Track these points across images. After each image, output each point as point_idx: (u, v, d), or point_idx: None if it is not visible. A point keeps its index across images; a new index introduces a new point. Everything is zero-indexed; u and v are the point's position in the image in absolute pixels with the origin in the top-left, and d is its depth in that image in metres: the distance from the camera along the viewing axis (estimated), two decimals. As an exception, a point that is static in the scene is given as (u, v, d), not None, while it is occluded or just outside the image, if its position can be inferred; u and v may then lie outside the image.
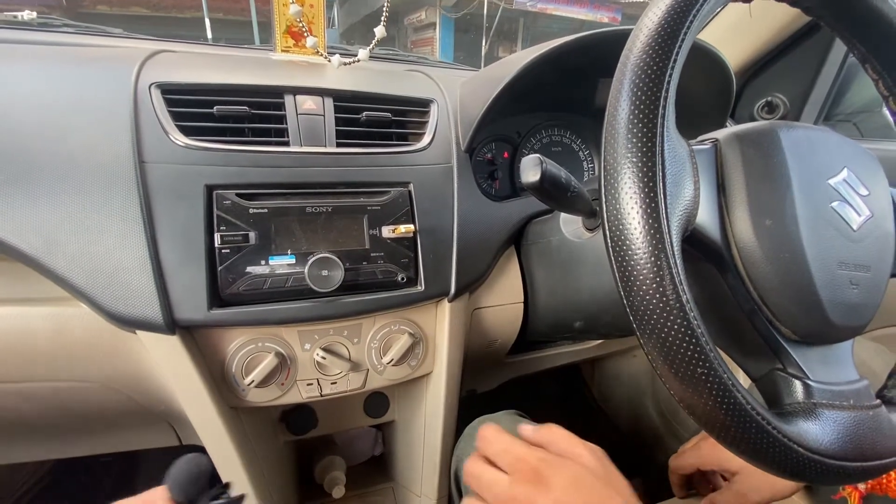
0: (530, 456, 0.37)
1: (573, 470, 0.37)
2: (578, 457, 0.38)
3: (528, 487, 0.36)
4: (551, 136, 0.76)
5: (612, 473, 0.38)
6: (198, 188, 0.46)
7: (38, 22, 0.80)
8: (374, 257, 0.50)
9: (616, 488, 0.37)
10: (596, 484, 0.36)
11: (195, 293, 0.44)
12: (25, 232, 0.42)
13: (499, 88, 0.55)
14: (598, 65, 0.66)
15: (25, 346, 0.44)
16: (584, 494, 0.35)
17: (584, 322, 0.56)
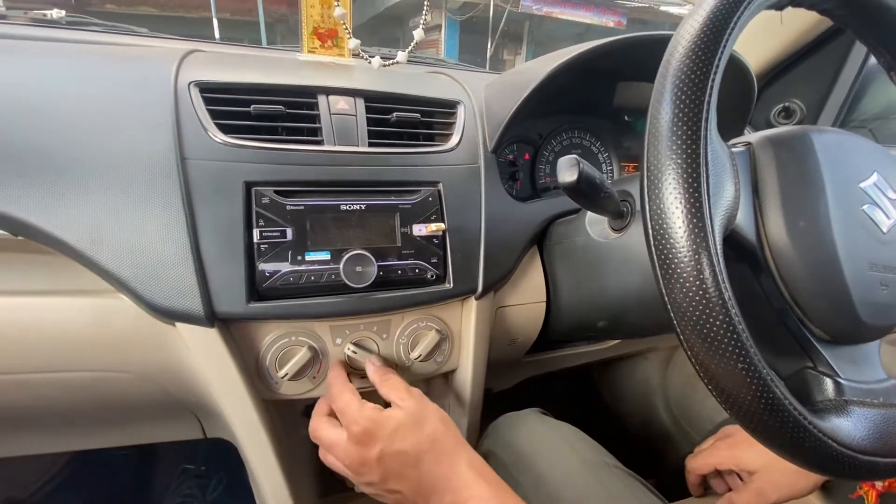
0: (360, 416, 0.44)
1: (395, 419, 0.43)
2: (400, 400, 0.45)
3: (359, 447, 0.43)
4: (571, 139, 0.77)
5: (425, 414, 0.45)
6: (237, 185, 0.47)
7: (67, 20, 0.81)
8: (405, 255, 0.52)
9: (428, 429, 0.44)
10: (412, 428, 0.43)
11: (234, 287, 0.45)
12: (72, 226, 0.43)
13: (528, 91, 0.56)
14: (617, 69, 0.67)
15: (69, 337, 0.45)
16: (402, 441, 0.43)
17: (607, 321, 0.57)
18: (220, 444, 0.95)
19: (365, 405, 0.44)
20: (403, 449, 0.42)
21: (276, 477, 0.49)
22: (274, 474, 0.49)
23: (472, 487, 0.41)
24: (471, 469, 0.42)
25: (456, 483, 0.42)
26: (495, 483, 0.42)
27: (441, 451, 0.43)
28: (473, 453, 0.44)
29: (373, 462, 0.43)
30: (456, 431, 0.46)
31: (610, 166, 0.80)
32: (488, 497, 0.40)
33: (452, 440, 0.44)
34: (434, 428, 0.44)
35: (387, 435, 0.43)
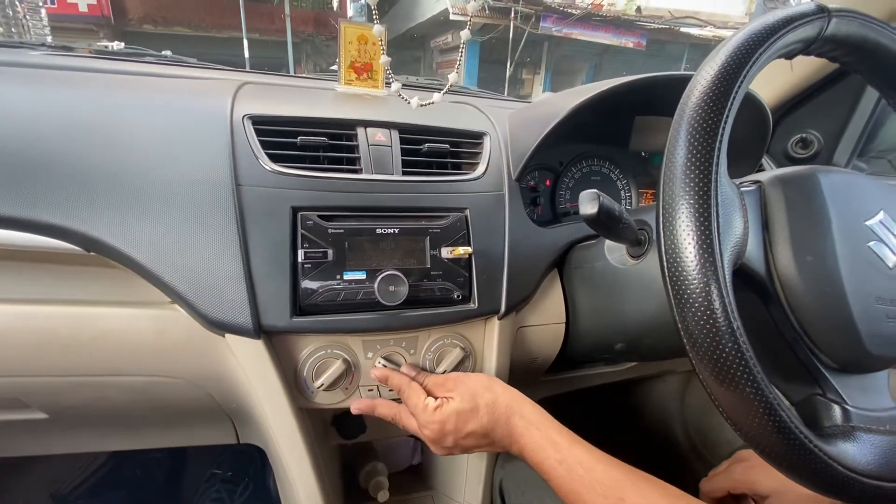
0: (429, 420, 0.50)
1: (454, 410, 0.50)
2: (448, 392, 0.52)
3: (435, 443, 0.51)
4: (591, 166, 0.81)
5: (473, 393, 0.51)
6: (285, 209, 0.51)
7: (125, 52, 0.89)
8: (434, 275, 0.55)
9: (481, 404, 0.50)
10: (470, 412, 0.50)
11: (280, 302, 0.50)
12: (138, 244, 0.48)
13: (551, 126, 0.60)
14: (635, 103, 0.71)
15: (131, 344, 0.50)
16: (466, 425, 0.50)
17: (625, 344, 0.60)
18: (246, 451, 0.99)
19: (427, 407, 0.50)
20: (472, 430, 0.49)
21: (311, 481, 0.52)
22: (308, 479, 0.52)
23: (525, 436, 0.48)
24: (522, 420, 0.49)
25: (515, 436, 0.49)
26: (544, 426, 0.48)
27: (497, 418, 0.50)
28: (523, 407, 0.50)
29: (451, 447, 0.51)
30: (502, 390, 0.52)
31: (629, 193, 0.83)
32: (539, 439, 0.48)
33: (503, 404, 0.50)
34: (486, 401, 0.50)
35: (453, 428, 0.49)
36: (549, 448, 0.47)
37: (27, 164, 0.47)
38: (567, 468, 0.45)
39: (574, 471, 0.45)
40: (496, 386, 0.52)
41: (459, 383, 0.52)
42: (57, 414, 0.56)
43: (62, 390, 0.51)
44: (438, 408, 0.50)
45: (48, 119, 0.51)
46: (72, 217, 0.47)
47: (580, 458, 0.46)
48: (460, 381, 0.52)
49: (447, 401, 0.50)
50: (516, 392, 0.52)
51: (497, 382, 0.53)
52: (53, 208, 0.47)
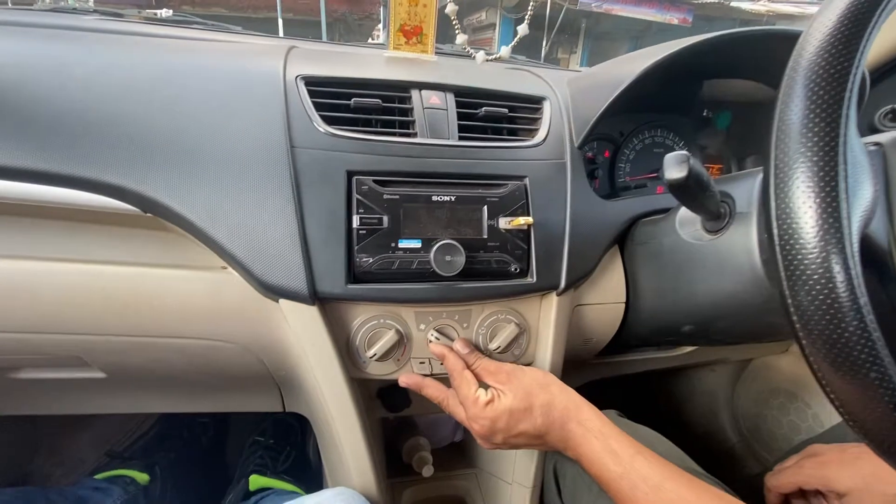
0: (479, 415, 0.47)
1: (507, 408, 0.47)
2: (500, 384, 0.49)
3: (483, 437, 0.49)
4: (653, 137, 0.75)
5: (529, 391, 0.48)
6: (340, 173, 0.49)
7: (174, 19, 0.89)
8: (491, 247, 0.52)
9: (536, 404, 0.48)
10: (524, 411, 0.47)
11: (335, 268, 0.48)
12: (195, 206, 0.47)
13: (622, 88, 0.55)
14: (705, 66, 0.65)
15: (187, 306, 0.49)
16: (519, 424, 0.47)
17: (693, 327, 0.55)
18: (286, 420, 1.01)
19: (478, 400, 0.48)
20: (523, 430, 0.47)
21: (362, 453, 0.52)
22: (359, 450, 0.51)
23: (583, 445, 0.45)
24: (580, 427, 0.46)
25: (572, 444, 0.46)
26: (603, 435, 0.45)
27: (552, 421, 0.47)
28: (581, 411, 0.47)
29: (499, 443, 0.49)
30: (559, 391, 0.49)
31: (692, 167, 0.77)
32: (598, 449, 0.44)
33: (560, 407, 0.47)
34: (541, 401, 0.47)
35: (504, 426, 0.47)
36: (608, 460, 0.43)
37: (86, 123, 0.47)
38: (630, 484, 0.42)
39: (638, 488, 0.41)
40: (553, 385, 0.49)
41: (513, 378, 0.49)
42: (114, 374, 0.57)
43: (120, 350, 0.52)
44: (490, 403, 0.47)
45: (106, 80, 0.50)
46: (130, 177, 0.47)
47: (644, 474, 0.42)
48: (514, 375, 0.49)
49: (499, 396, 0.48)
50: (574, 394, 0.49)
51: (554, 381, 0.50)
52: (112, 168, 0.46)
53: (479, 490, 0.69)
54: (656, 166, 0.74)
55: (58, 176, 0.46)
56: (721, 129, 0.77)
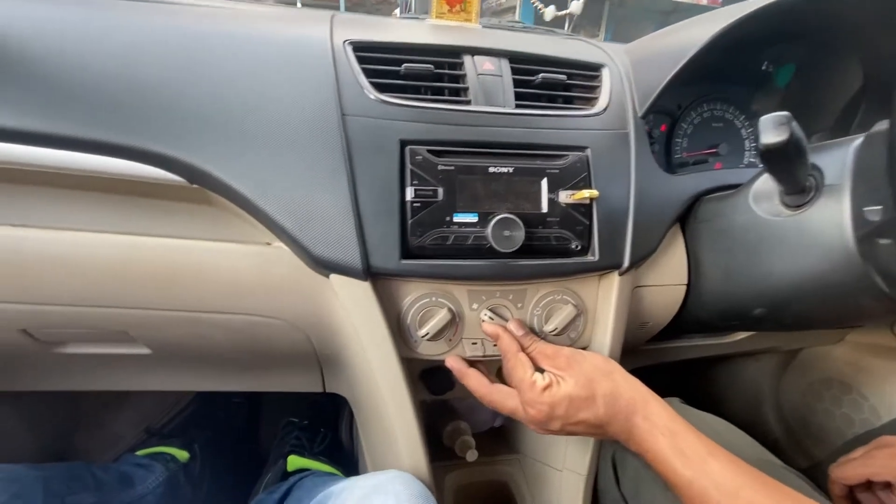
0: (536, 400, 0.45)
1: (568, 395, 0.44)
2: (559, 370, 0.46)
3: (538, 424, 0.46)
4: (713, 111, 0.70)
5: (592, 378, 0.45)
6: (392, 142, 0.47)
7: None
8: (551, 222, 0.49)
9: (599, 393, 0.44)
10: (586, 399, 0.44)
11: (389, 243, 0.46)
12: (243, 176, 0.45)
13: (689, 55, 0.51)
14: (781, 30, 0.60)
15: (233, 281, 0.48)
16: (579, 413, 0.44)
17: (766, 310, 0.52)
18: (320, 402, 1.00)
19: (535, 385, 0.45)
20: (584, 419, 0.44)
21: (413, 434, 0.50)
22: (411, 432, 0.49)
23: (648, 441, 0.42)
24: (646, 422, 0.43)
25: (636, 439, 0.43)
26: (670, 432, 0.41)
27: (616, 413, 0.43)
28: (648, 404, 0.44)
29: (555, 431, 0.45)
30: (623, 380, 0.45)
31: (753, 143, 0.72)
32: (665, 449, 0.41)
33: (625, 398, 0.44)
34: (605, 390, 0.44)
35: (563, 413, 0.44)
36: (677, 462, 0.40)
37: (131, 91, 0.45)
38: (700, 490, 0.38)
39: (709, 496, 0.38)
40: (616, 373, 0.46)
41: (574, 363, 0.46)
42: (159, 350, 0.56)
43: (165, 325, 0.50)
44: (548, 388, 0.44)
45: (149, 47, 0.48)
46: (176, 146, 0.45)
47: (717, 480, 0.38)
48: (575, 360, 0.46)
49: (559, 382, 0.45)
50: (639, 384, 0.46)
51: (617, 368, 0.46)
52: (158, 136, 0.45)
53: (523, 476, 0.67)
54: (715, 141, 0.69)
55: (104, 144, 0.44)
56: (779, 88, 0.70)
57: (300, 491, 0.65)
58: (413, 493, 0.41)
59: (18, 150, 0.44)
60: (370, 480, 0.44)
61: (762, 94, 0.70)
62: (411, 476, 0.44)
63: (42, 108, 0.43)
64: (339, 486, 0.45)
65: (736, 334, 0.78)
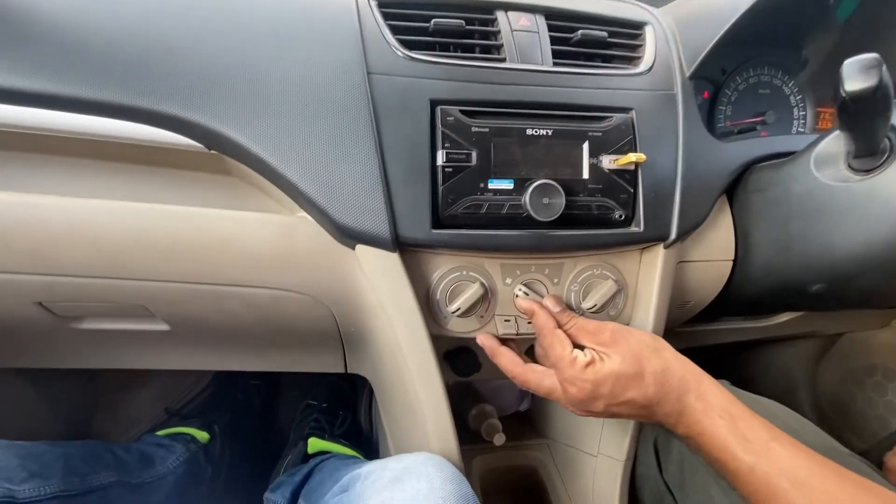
0: (577, 378, 0.41)
1: (613, 373, 0.40)
2: (603, 346, 0.42)
3: (579, 404, 0.42)
4: (759, 76, 0.65)
5: (640, 355, 0.41)
6: (422, 102, 0.43)
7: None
8: (592, 189, 0.46)
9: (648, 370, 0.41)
10: (633, 378, 0.41)
11: (419, 211, 0.42)
12: (263, 139, 0.42)
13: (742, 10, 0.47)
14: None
15: (254, 252, 0.45)
16: (625, 392, 0.40)
17: (826, 285, 0.47)
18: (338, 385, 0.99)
19: (576, 361, 0.41)
20: (631, 398, 0.40)
21: (444, 415, 0.47)
22: (441, 413, 0.47)
23: (703, 422, 0.39)
24: (700, 402, 0.39)
25: (688, 420, 0.40)
26: (728, 414, 0.38)
27: (667, 392, 0.40)
28: (701, 383, 0.40)
29: (598, 412, 0.42)
30: (674, 358, 0.42)
31: (803, 111, 0.67)
32: (722, 432, 0.37)
33: (677, 376, 0.40)
34: (654, 367, 0.40)
35: (608, 392, 0.40)
36: (736, 445, 0.36)
37: (144, 51, 0.42)
38: (763, 477, 0.35)
39: (775, 483, 0.34)
40: (666, 351, 0.42)
41: (620, 339, 0.42)
42: (178, 326, 0.54)
43: (184, 299, 0.48)
44: (591, 365, 0.41)
45: (163, 6, 0.45)
46: (191, 108, 0.42)
47: (783, 466, 0.34)
48: (620, 336, 0.42)
49: (602, 359, 0.41)
50: (691, 363, 0.42)
51: (666, 347, 0.43)
52: (173, 98, 0.42)
53: (552, 461, 0.64)
54: (762, 109, 0.64)
55: (117, 106, 0.41)
56: (837, 24, 0.63)
57: (322, 473, 0.63)
58: (447, 476, 0.39)
59: (29, 114, 0.42)
60: (400, 462, 0.41)
61: (813, 36, 0.63)
62: (443, 458, 0.42)
63: (54, 70, 0.40)
64: (367, 469, 0.43)
65: (777, 317, 0.74)
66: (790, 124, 0.67)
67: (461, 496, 0.37)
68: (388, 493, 0.37)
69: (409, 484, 0.38)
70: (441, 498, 0.36)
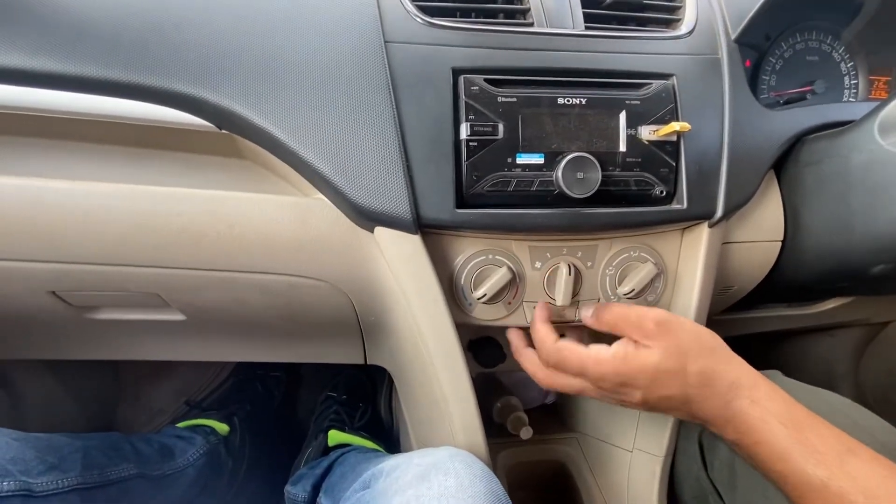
0: (609, 371, 0.38)
1: (652, 365, 0.36)
2: (645, 337, 0.37)
3: (611, 396, 0.39)
4: (807, 42, 0.60)
5: (685, 348, 0.37)
6: (444, 71, 0.40)
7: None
8: (630, 163, 0.42)
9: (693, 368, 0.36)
10: (676, 373, 0.36)
11: (442, 190, 0.39)
12: (276, 115, 0.40)
13: None
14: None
15: (268, 236, 0.43)
16: (665, 388, 0.37)
17: (893, 265, 0.43)
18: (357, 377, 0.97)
19: (602, 358, 0.38)
20: (668, 395, 0.37)
21: (470, 407, 0.44)
22: (468, 405, 0.44)
23: (761, 431, 0.34)
24: (756, 407, 0.35)
25: (741, 426, 0.35)
26: (793, 422, 0.33)
27: (711, 394, 0.36)
28: (757, 387, 0.35)
29: (635, 403, 0.38)
30: (726, 359, 0.37)
31: (854, 80, 0.62)
32: (785, 443, 0.33)
33: (726, 379, 0.36)
34: (699, 368, 0.36)
35: (646, 384, 0.37)
36: (805, 458, 0.32)
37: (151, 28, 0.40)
38: (838, 493, 0.30)
39: (853, 502, 0.30)
40: (721, 351, 0.38)
41: (667, 331, 0.37)
42: (194, 316, 0.52)
43: (199, 287, 0.46)
44: (624, 356, 0.37)
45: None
46: (202, 85, 0.40)
47: (864, 483, 0.30)
48: (669, 327, 0.37)
49: (639, 350, 0.37)
50: (746, 365, 0.37)
51: (722, 346, 0.38)
52: (182, 76, 0.39)
53: (583, 456, 0.61)
54: (810, 77, 0.59)
55: (124, 85, 0.39)
56: None
57: (343, 466, 0.61)
58: (475, 473, 0.36)
59: (34, 95, 0.40)
60: (425, 458, 0.38)
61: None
62: (470, 454, 0.39)
63: (59, 48, 0.39)
64: (391, 464, 0.41)
65: (824, 304, 0.69)
66: (840, 94, 0.61)
67: (492, 494, 0.35)
68: (414, 491, 0.35)
69: (436, 481, 0.35)
70: (470, 496, 0.34)
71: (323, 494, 0.58)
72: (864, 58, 0.61)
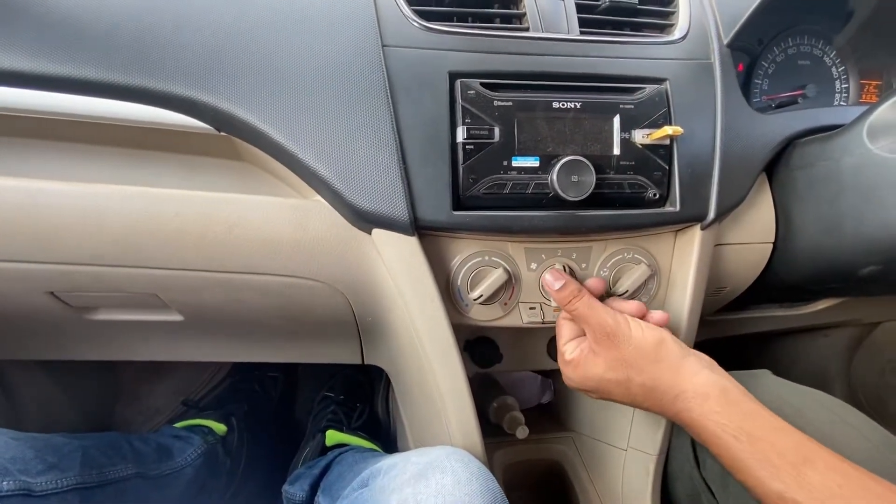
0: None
1: None
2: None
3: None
4: (799, 46, 0.61)
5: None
6: (441, 75, 0.41)
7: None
8: (624, 166, 0.43)
9: None
10: None
11: (438, 192, 0.40)
12: (274, 118, 0.40)
13: None
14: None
15: (266, 237, 0.43)
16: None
17: (881, 267, 0.44)
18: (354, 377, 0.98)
19: (563, 356, 0.43)
20: (619, 399, 0.41)
21: (467, 408, 0.45)
22: (464, 405, 0.44)
23: (716, 445, 0.35)
24: (709, 420, 0.35)
25: (699, 435, 0.37)
26: (745, 437, 0.34)
27: (660, 403, 0.39)
28: (709, 399, 0.36)
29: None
30: (670, 373, 0.38)
31: (846, 84, 0.63)
32: (744, 456, 0.33)
33: (669, 394, 0.38)
34: (642, 381, 0.38)
35: (594, 387, 0.41)
36: (757, 472, 0.32)
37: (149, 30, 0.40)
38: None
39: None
40: (664, 363, 0.38)
41: (613, 344, 0.39)
42: (192, 316, 0.52)
43: (197, 287, 0.47)
44: (575, 363, 0.41)
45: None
46: (201, 88, 0.40)
47: (820, 495, 0.30)
48: (616, 340, 0.39)
49: (587, 358, 0.41)
50: (696, 372, 0.37)
51: (669, 356, 0.38)
52: (180, 78, 0.40)
53: (578, 455, 0.62)
54: (801, 82, 0.60)
55: (122, 87, 0.40)
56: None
57: (341, 466, 0.61)
58: (472, 472, 0.37)
59: (32, 97, 0.40)
60: (422, 457, 0.39)
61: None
62: (467, 453, 0.40)
63: (57, 50, 0.39)
64: (388, 463, 0.41)
65: (815, 304, 0.69)
66: (831, 98, 0.62)
67: (488, 492, 0.35)
68: (411, 489, 0.35)
69: (433, 479, 0.35)
70: (467, 494, 0.34)
71: (321, 494, 0.58)
72: (855, 62, 0.62)
